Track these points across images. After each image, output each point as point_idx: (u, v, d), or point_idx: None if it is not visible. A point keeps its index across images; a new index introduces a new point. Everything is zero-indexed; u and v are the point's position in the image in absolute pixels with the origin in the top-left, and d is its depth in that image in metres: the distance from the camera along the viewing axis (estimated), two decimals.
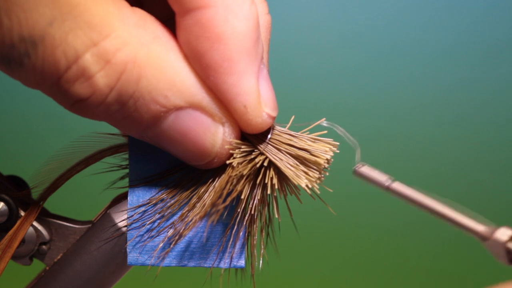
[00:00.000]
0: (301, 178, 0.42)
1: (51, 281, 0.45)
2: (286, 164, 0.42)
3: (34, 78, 0.37)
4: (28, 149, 1.49)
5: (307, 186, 0.42)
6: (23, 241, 0.45)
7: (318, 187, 0.42)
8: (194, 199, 0.43)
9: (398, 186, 0.41)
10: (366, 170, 0.42)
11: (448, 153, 1.53)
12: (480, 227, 0.38)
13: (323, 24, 1.49)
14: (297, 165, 0.42)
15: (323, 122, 0.43)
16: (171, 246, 0.43)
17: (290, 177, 0.42)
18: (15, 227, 0.44)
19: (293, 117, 0.44)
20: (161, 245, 0.43)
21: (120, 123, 0.40)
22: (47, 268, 0.46)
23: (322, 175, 0.43)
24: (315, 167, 0.43)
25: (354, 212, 1.52)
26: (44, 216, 0.46)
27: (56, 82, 0.37)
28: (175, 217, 0.44)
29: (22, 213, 0.45)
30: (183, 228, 0.43)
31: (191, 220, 0.43)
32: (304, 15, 1.49)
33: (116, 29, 0.37)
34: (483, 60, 1.51)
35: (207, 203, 0.43)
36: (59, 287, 0.45)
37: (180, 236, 0.43)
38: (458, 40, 1.51)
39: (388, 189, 0.41)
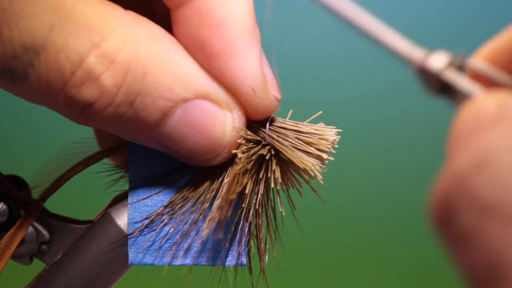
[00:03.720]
0: (308, 161, 0.41)
1: (51, 280, 0.45)
2: (292, 148, 0.42)
3: (39, 89, 0.37)
4: (29, 149, 1.49)
5: (313, 166, 0.41)
6: (23, 241, 0.45)
7: (327, 161, 0.42)
8: (197, 197, 0.43)
9: None
10: None
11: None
12: (416, 52, 0.30)
13: (316, 20, 1.49)
14: (304, 146, 0.42)
15: None
16: (183, 247, 0.43)
17: (296, 161, 0.41)
18: (15, 227, 0.44)
19: (291, 111, 0.44)
20: (164, 245, 0.43)
21: (128, 127, 0.40)
22: (47, 267, 0.46)
23: (327, 160, 0.42)
24: (321, 149, 0.42)
25: (356, 211, 1.52)
26: (44, 216, 0.46)
27: (62, 89, 0.37)
28: (177, 217, 0.43)
29: (22, 213, 0.45)
30: (187, 228, 0.43)
31: (196, 218, 0.43)
32: (301, 11, 1.50)
33: (114, 29, 0.37)
34: None
35: (221, 198, 0.42)
36: (59, 287, 0.45)
37: (183, 236, 0.43)
38: (459, 34, 1.51)
39: None
